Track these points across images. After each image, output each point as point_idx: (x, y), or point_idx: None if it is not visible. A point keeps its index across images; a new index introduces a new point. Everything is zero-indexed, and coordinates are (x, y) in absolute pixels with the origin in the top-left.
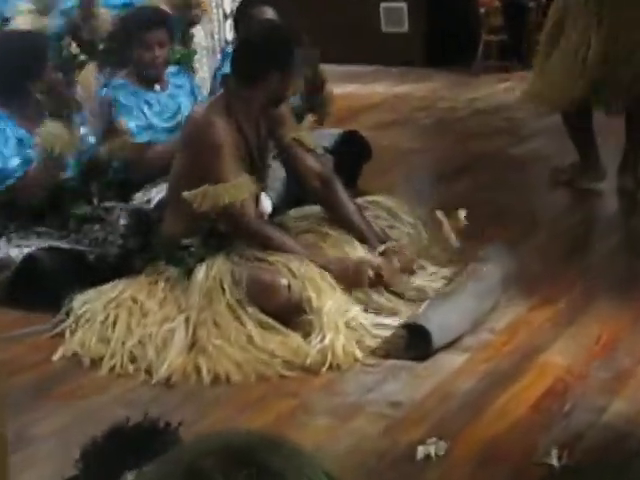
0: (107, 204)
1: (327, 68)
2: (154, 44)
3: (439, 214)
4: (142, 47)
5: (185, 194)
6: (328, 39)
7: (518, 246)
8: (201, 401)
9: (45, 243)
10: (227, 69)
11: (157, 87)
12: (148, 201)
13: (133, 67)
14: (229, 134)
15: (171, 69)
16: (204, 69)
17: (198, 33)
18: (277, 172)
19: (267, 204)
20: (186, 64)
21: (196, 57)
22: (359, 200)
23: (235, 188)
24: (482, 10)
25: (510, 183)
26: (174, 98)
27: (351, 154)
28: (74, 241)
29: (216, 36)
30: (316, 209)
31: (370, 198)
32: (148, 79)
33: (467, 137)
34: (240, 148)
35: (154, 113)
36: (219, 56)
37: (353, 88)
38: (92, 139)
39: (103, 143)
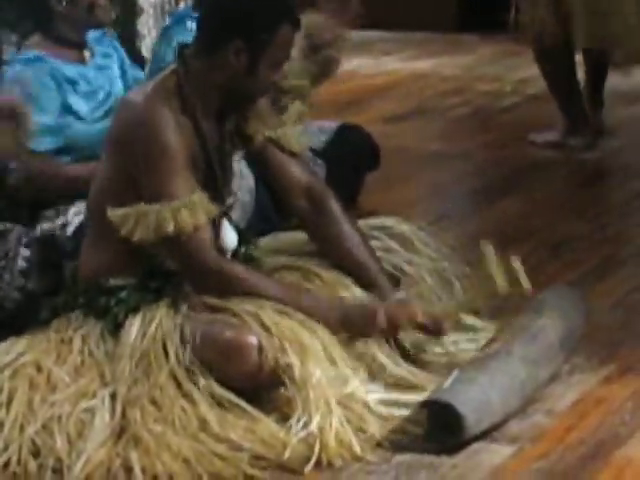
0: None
1: None
2: None
3: (486, 248)
4: None
5: (111, 213)
6: None
7: (589, 291)
8: None
9: None
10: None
11: (87, 55)
12: (63, 226)
13: (53, 23)
14: (181, 131)
15: (92, 33)
16: (152, 34)
17: None
18: (244, 180)
19: (231, 236)
20: (125, 28)
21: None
22: (361, 224)
23: (185, 209)
24: None
25: (580, 201)
26: (103, 71)
27: (351, 158)
28: None
29: None
30: (299, 237)
31: (376, 221)
32: (75, 39)
33: (518, 134)
34: (195, 152)
35: (83, 97)
36: (169, 18)
37: (356, 63)
38: None
39: None
